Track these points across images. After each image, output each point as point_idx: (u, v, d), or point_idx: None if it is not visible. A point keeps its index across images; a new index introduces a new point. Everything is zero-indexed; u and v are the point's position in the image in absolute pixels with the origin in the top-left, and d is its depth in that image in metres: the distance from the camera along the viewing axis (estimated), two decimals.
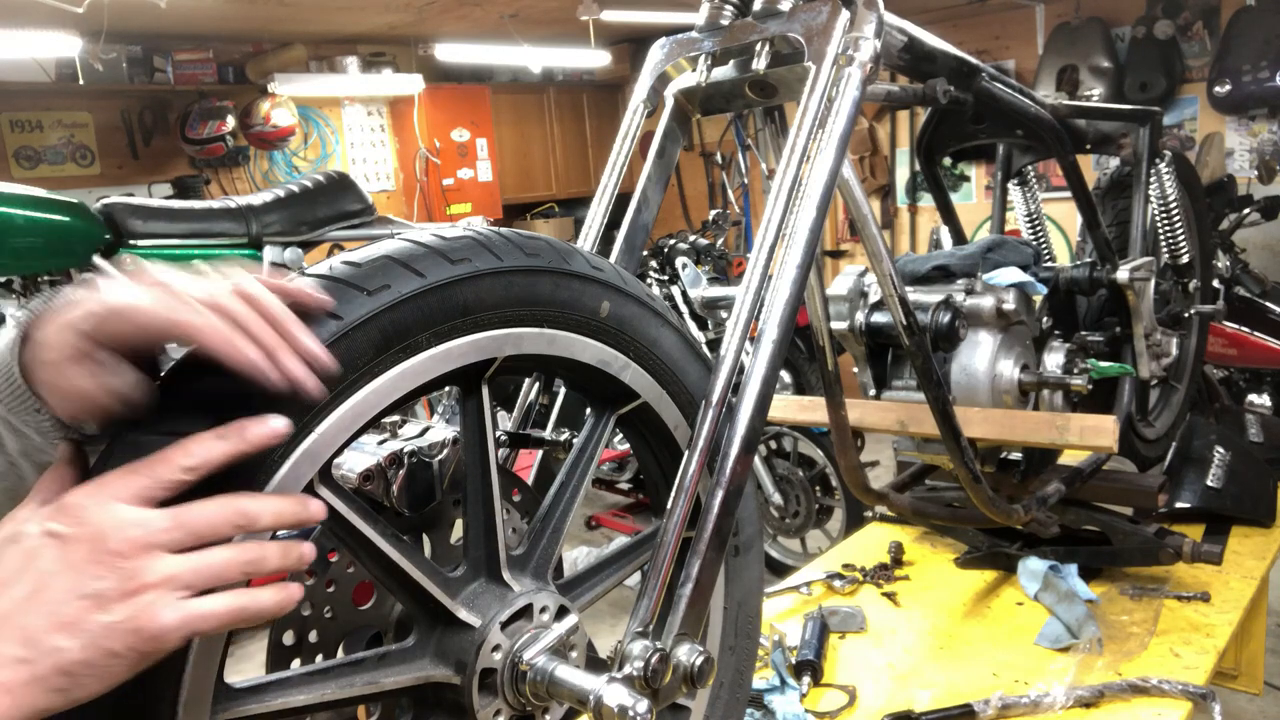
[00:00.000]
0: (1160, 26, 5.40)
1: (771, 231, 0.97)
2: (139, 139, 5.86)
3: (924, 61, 1.31)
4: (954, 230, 2.18)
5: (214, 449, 0.60)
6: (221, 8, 4.98)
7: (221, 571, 0.59)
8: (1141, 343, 1.96)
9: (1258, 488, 2.21)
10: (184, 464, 0.59)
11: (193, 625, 0.57)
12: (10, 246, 3.03)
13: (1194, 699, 1.48)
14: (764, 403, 0.93)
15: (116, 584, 0.55)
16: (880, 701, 1.59)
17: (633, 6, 5.44)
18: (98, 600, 0.55)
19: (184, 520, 0.59)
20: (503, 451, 1.10)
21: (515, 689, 0.83)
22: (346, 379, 0.71)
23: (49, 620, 0.54)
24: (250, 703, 0.71)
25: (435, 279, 0.75)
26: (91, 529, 0.56)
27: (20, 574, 0.55)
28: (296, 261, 3.58)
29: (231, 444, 0.61)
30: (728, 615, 1.10)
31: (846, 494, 3.68)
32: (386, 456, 0.90)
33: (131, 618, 0.55)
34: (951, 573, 2.05)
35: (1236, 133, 5.48)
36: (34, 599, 0.55)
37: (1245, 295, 4.07)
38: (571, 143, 7.73)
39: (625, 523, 4.72)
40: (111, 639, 0.55)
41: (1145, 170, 2.06)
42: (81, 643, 0.54)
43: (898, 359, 1.71)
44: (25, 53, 5.03)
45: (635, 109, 1.24)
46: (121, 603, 0.55)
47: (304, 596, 0.87)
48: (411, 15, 5.62)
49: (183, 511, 0.59)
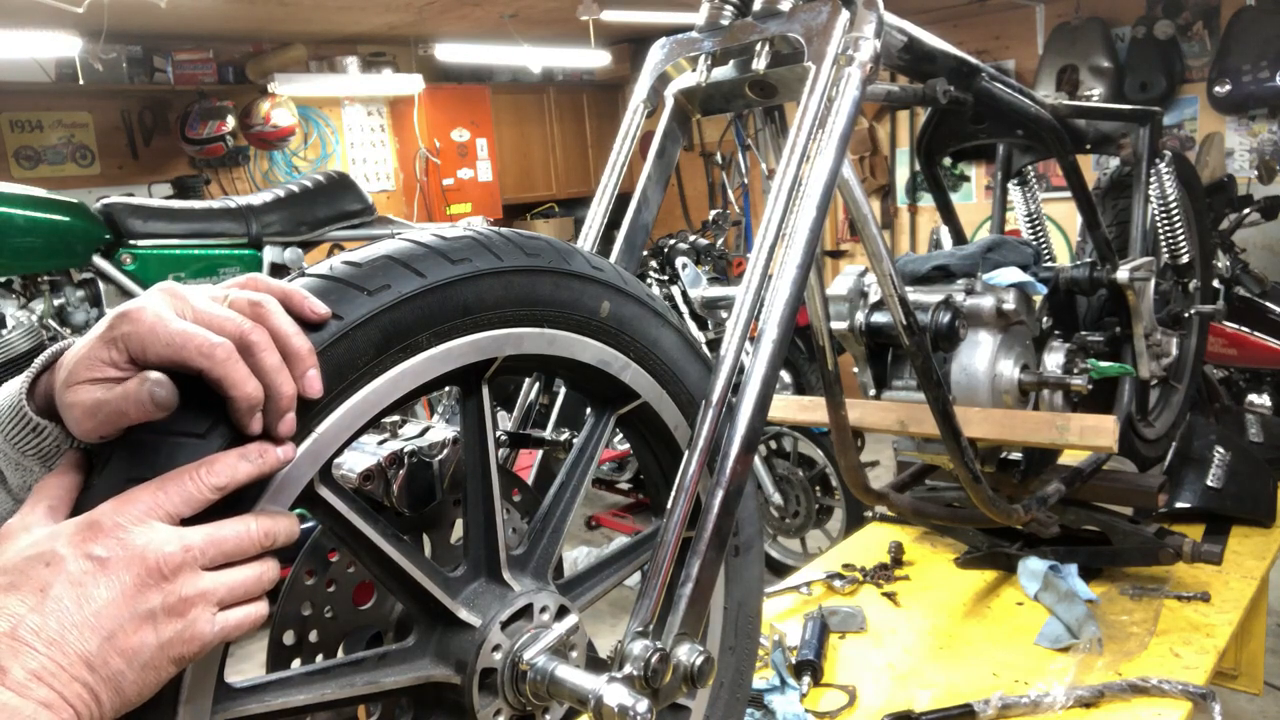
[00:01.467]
0: (1160, 26, 5.40)
1: (771, 231, 0.97)
2: (139, 139, 5.86)
3: (924, 61, 1.31)
4: (954, 230, 2.18)
5: (239, 470, 0.63)
6: (221, 8, 4.98)
7: (252, 588, 0.64)
8: (1141, 343, 1.96)
9: (1258, 488, 2.21)
10: (214, 484, 0.62)
11: (227, 635, 0.62)
12: (10, 246, 3.04)
13: (1194, 699, 1.48)
14: (764, 403, 0.93)
15: (163, 604, 0.58)
16: (880, 701, 1.59)
17: (633, 6, 5.44)
18: (150, 621, 0.58)
19: (218, 540, 0.62)
20: (503, 451, 1.10)
21: (515, 689, 0.83)
22: (347, 379, 0.71)
23: (110, 645, 0.56)
24: (250, 703, 0.71)
25: (435, 279, 0.75)
26: (134, 552, 0.58)
27: (69, 600, 0.56)
28: (296, 261, 3.58)
29: (254, 466, 0.64)
30: (728, 615, 1.10)
31: (846, 494, 3.69)
32: (386, 456, 0.90)
33: (179, 634, 0.59)
34: (951, 573, 2.05)
35: (1236, 133, 5.48)
36: (91, 626, 0.56)
37: (1245, 295, 4.07)
38: (571, 143, 7.73)
39: (625, 523, 4.73)
40: (161, 657, 0.58)
41: (1145, 170, 2.06)
42: (140, 663, 0.57)
43: (898, 359, 1.71)
44: (25, 53, 5.04)
45: (635, 109, 1.24)
46: (170, 623, 0.58)
47: (304, 596, 0.87)
48: (411, 15, 5.62)
49: (216, 531, 0.62)
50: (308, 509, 0.73)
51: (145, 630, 0.57)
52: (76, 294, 3.25)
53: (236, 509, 0.64)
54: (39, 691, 0.53)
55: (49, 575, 0.56)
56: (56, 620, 0.55)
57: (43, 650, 0.54)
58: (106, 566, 0.57)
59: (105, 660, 0.56)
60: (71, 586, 0.56)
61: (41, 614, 0.55)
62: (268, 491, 0.67)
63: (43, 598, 0.55)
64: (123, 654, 0.56)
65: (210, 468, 0.62)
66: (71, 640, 0.55)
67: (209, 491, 0.62)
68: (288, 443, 0.66)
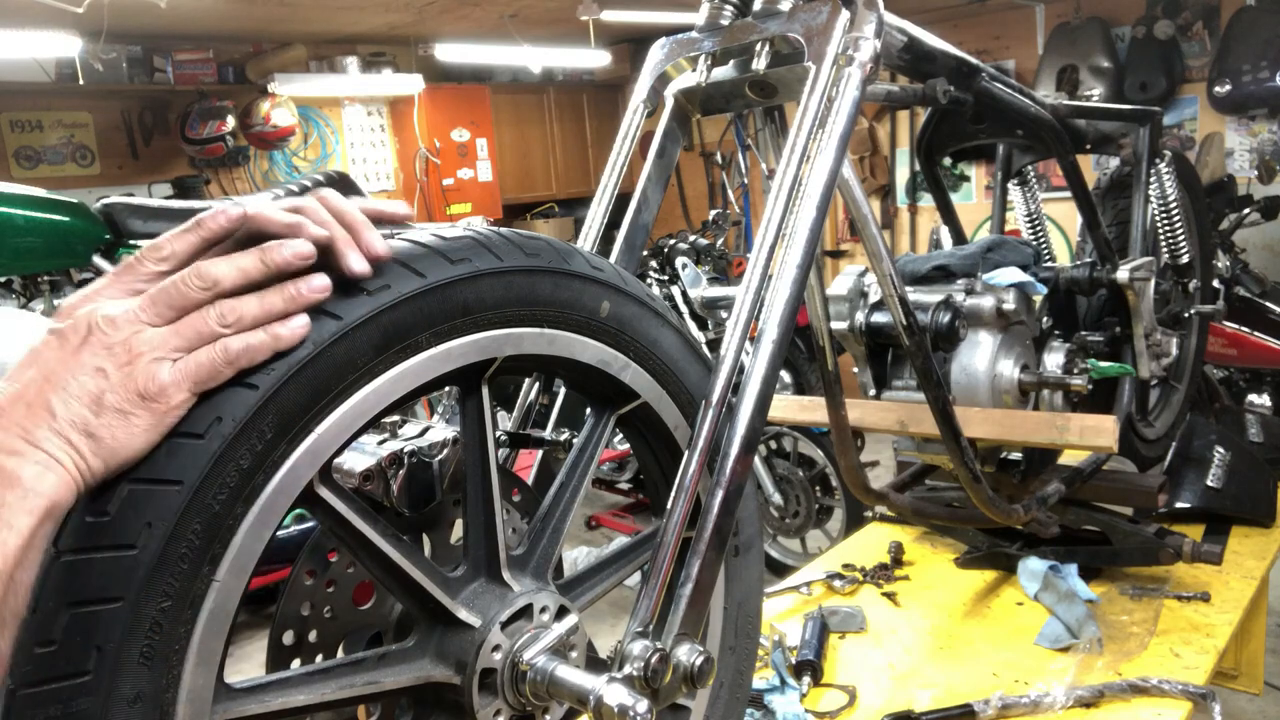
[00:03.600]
0: (1160, 26, 5.40)
1: (771, 231, 0.97)
2: (139, 139, 5.86)
3: (924, 61, 1.31)
4: (954, 230, 2.18)
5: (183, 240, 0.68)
6: (221, 8, 4.98)
7: (204, 332, 0.64)
8: (1141, 343, 1.96)
9: (1258, 488, 2.21)
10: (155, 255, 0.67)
11: (191, 375, 0.63)
12: (10, 246, 3.03)
13: (1194, 699, 1.49)
14: (764, 403, 0.93)
15: (110, 355, 0.62)
16: (880, 701, 1.59)
17: (633, 6, 5.44)
18: (102, 374, 0.61)
19: (154, 295, 0.64)
20: (503, 451, 1.10)
21: (515, 689, 0.83)
22: (346, 379, 0.71)
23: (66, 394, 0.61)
24: (250, 703, 0.71)
25: (435, 279, 0.75)
26: (81, 318, 0.63)
27: (29, 367, 0.62)
28: None
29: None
30: (728, 615, 1.10)
31: (846, 494, 3.68)
32: (386, 456, 0.90)
33: (129, 378, 0.61)
34: (951, 573, 2.05)
35: (1236, 133, 5.48)
36: (48, 380, 0.61)
37: (1245, 295, 4.07)
38: (571, 143, 7.73)
39: (625, 523, 4.73)
40: (124, 398, 0.61)
41: (1145, 170, 2.06)
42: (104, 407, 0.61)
43: (898, 359, 1.71)
44: (25, 53, 5.04)
45: (635, 109, 1.24)
46: (122, 369, 0.62)
47: (304, 596, 0.87)
48: (411, 15, 5.62)
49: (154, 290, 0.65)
50: (308, 509, 0.73)
51: (98, 378, 0.61)
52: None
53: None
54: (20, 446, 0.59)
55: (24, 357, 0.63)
56: (21, 384, 0.61)
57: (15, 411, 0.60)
58: (61, 335, 0.63)
59: (66, 408, 0.60)
60: (31, 354, 0.63)
61: (7, 382, 0.61)
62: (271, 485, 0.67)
63: (16, 372, 0.62)
64: (80, 400, 0.60)
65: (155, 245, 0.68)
66: (34, 397, 0.60)
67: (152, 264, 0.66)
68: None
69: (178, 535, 0.63)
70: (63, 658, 0.60)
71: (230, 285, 0.65)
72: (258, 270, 0.66)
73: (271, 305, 0.66)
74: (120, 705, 0.61)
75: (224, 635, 0.67)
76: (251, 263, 0.66)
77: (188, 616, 0.64)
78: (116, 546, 0.61)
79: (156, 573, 0.62)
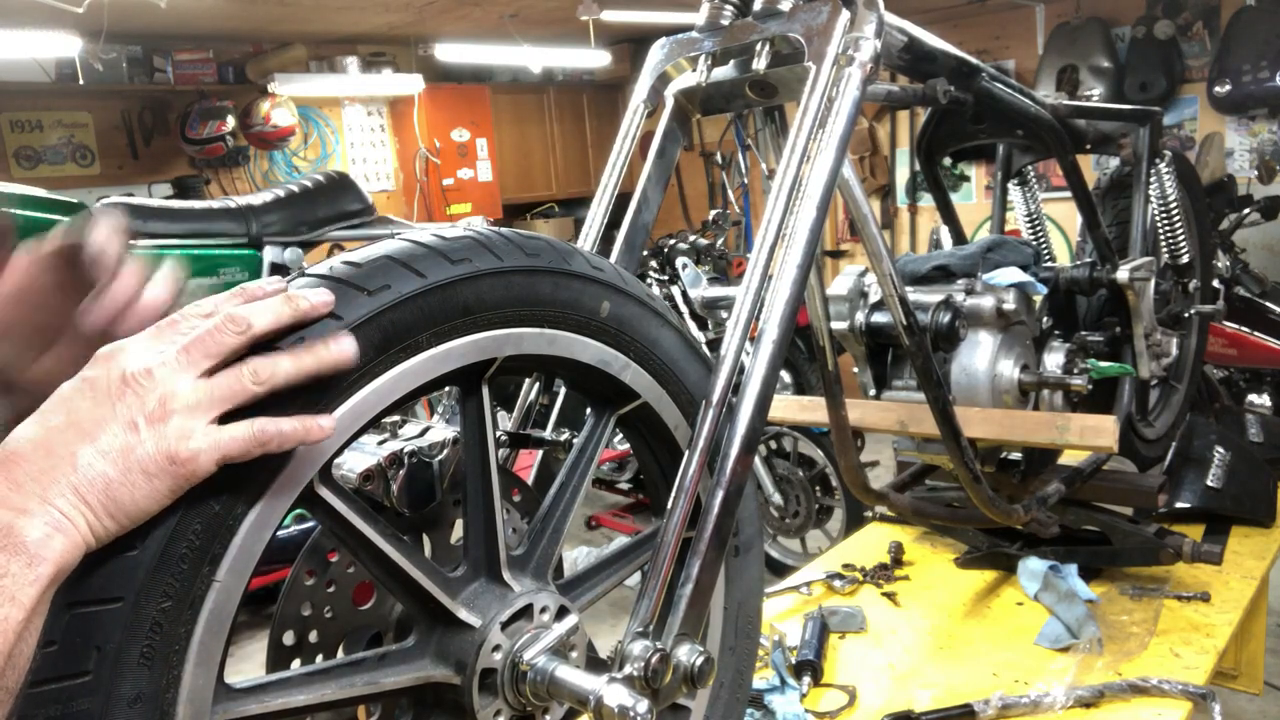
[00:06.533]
0: (1160, 26, 5.40)
1: (771, 231, 0.97)
2: (139, 139, 5.86)
3: (924, 61, 1.31)
4: (954, 230, 2.18)
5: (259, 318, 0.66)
6: (221, 8, 4.98)
7: (239, 392, 0.63)
8: (1141, 343, 1.95)
9: (1258, 488, 2.21)
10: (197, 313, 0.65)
11: (223, 449, 0.61)
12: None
13: (1194, 699, 1.48)
14: (764, 403, 0.93)
15: (143, 409, 0.60)
16: (880, 701, 1.59)
17: (633, 6, 5.44)
18: (133, 428, 0.60)
19: (189, 345, 0.63)
20: (503, 451, 1.10)
21: (515, 689, 0.82)
22: (346, 379, 0.71)
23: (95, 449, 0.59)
24: (250, 703, 0.71)
25: (436, 279, 0.75)
26: (113, 366, 0.62)
27: (53, 414, 0.60)
28: (296, 261, 3.57)
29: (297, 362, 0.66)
30: (728, 615, 1.10)
31: (846, 494, 3.68)
32: (386, 456, 0.90)
33: (163, 438, 0.60)
34: (951, 573, 2.05)
35: (1236, 133, 5.48)
36: (72, 430, 0.59)
37: (1245, 295, 4.07)
38: (571, 143, 7.73)
39: (625, 523, 4.72)
40: (154, 462, 0.59)
41: (1145, 170, 2.06)
42: (127, 466, 0.59)
43: (898, 359, 1.71)
44: (25, 53, 5.03)
45: (635, 109, 1.24)
46: (154, 427, 0.60)
47: (304, 596, 0.87)
48: (411, 15, 5.62)
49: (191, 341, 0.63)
50: (308, 509, 0.73)
51: (129, 433, 0.59)
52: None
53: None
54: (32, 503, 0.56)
55: (51, 400, 0.61)
56: (44, 429, 0.59)
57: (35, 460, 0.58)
58: (92, 383, 0.61)
59: (90, 464, 0.58)
60: (59, 399, 0.61)
61: (32, 426, 0.59)
62: (272, 485, 0.67)
63: (40, 417, 0.60)
64: (106, 457, 0.58)
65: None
66: (56, 444, 0.58)
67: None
68: None
69: (178, 535, 0.63)
70: (63, 658, 0.59)
71: (261, 329, 0.65)
72: (288, 315, 0.66)
73: (302, 364, 0.66)
74: (120, 705, 0.61)
75: (224, 635, 0.67)
76: (281, 307, 0.66)
77: (188, 617, 0.64)
78: (117, 547, 0.61)
79: (157, 573, 0.62)
